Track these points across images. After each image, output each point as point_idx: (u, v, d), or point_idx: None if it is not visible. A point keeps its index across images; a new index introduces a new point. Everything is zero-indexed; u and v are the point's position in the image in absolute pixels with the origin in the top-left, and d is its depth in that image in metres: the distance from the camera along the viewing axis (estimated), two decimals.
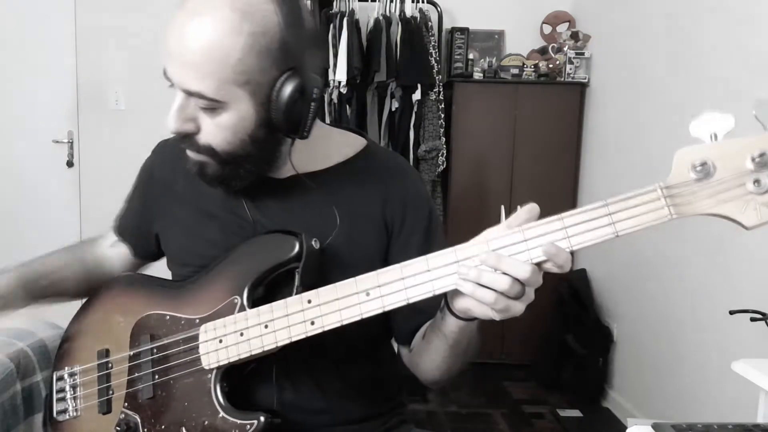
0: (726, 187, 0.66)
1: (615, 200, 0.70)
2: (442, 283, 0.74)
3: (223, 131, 0.85)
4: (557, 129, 3.20)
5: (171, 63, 0.83)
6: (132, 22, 3.37)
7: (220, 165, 0.87)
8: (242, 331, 0.84)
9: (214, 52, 0.79)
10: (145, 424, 0.91)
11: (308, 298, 0.81)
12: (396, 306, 0.76)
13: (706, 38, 2.21)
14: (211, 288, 0.91)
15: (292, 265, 0.86)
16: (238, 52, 0.80)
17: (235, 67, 0.80)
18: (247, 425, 0.83)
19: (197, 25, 0.80)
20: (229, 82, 0.81)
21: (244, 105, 0.83)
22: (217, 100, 0.82)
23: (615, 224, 0.69)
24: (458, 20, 3.41)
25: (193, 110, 0.85)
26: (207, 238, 0.96)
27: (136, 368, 0.93)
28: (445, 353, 0.86)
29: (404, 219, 0.95)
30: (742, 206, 0.66)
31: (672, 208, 0.68)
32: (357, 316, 0.78)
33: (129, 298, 0.99)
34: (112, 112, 3.44)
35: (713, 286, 2.12)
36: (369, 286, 0.77)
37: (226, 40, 0.79)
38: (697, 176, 0.67)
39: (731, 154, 0.66)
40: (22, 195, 3.43)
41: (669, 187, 0.68)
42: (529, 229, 0.71)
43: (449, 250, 0.74)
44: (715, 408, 2.06)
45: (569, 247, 0.70)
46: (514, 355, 3.25)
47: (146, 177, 1.07)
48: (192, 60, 0.80)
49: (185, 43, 0.80)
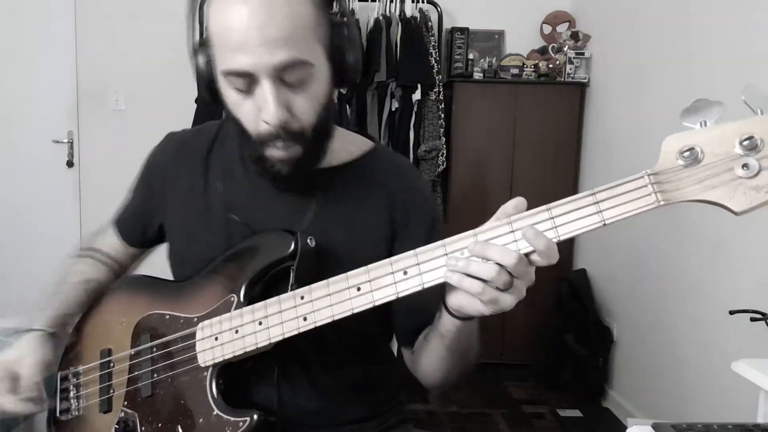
0: (714, 172, 0.65)
1: (602, 188, 0.69)
2: (431, 276, 0.74)
3: (313, 102, 0.84)
4: (557, 129, 3.20)
5: (250, 50, 0.78)
6: (132, 22, 3.38)
7: (307, 150, 0.86)
8: (237, 328, 0.85)
9: (298, 19, 0.79)
10: (143, 423, 0.92)
11: (301, 294, 0.81)
12: (386, 300, 0.76)
13: (706, 38, 2.22)
14: (208, 287, 0.92)
15: (288, 263, 0.86)
16: (313, 10, 0.81)
17: (314, 26, 0.81)
18: (240, 422, 0.83)
19: (271, 4, 0.78)
20: (314, 41, 0.82)
21: (323, 62, 0.85)
22: (311, 62, 0.81)
23: (602, 212, 0.68)
24: (458, 20, 3.41)
25: (285, 93, 0.82)
26: (208, 232, 0.97)
27: (136, 367, 0.94)
28: (442, 354, 0.86)
29: (409, 220, 0.96)
30: (731, 191, 0.64)
31: (659, 194, 0.67)
32: (348, 311, 0.78)
33: (131, 298, 1.00)
34: (112, 112, 3.44)
35: (713, 286, 2.12)
36: (359, 281, 0.78)
37: (303, 6, 0.80)
38: (684, 162, 0.66)
39: (719, 140, 0.65)
40: (22, 195, 3.43)
41: (656, 174, 0.68)
42: (517, 220, 0.71)
43: (438, 244, 0.74)
44: (715, 408, 2.06)
45: (557, 237, 0.70)
46: (514, 355, 3.25)
47: (152, 167, 1.06)
48: (278, 34, 0.78)
49: (264, 20, 0.77)
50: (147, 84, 3.41)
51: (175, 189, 1.01)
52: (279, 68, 0.79)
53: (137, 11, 3.37)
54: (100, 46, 3.39)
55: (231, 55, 0.79)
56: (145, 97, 3.42)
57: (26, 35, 3.36)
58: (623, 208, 0.68)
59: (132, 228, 1.10)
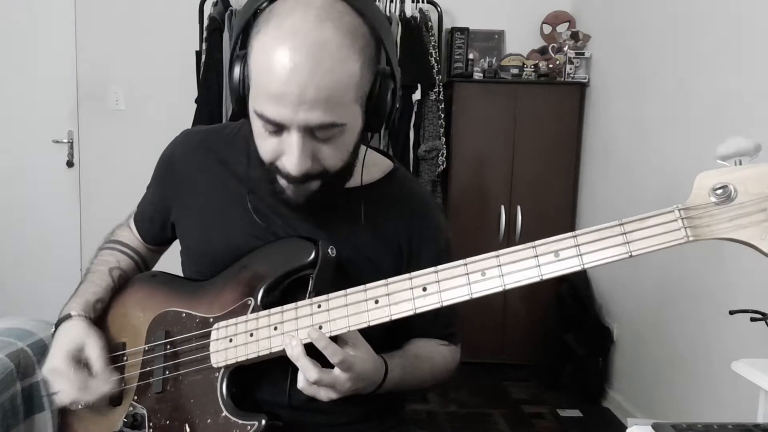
0: (747, 212, 0.65)
1: (631, 220, 0.69)
2: (450, 294, 0.74)
3: (341, 151, 0.84)
4: (557, 129, 3.20)
5: (285, 105, 0.77)
6: (132, 23, 3.38)
7: (325, 186, 0.86)
8: (252, 331, 0.85)
9: (342, 82, 0.77)
10: (151, 418, 0.92)
11: (318, 303, 0.81)
12: (403, 315, 0.77)
13: (706, 38, 2.21)
14: (226, 289, 0.92)
15: (307, 271, 0.86)
16: (358, 72, 0.79)
17: (356, 87, 0.80)
18: (248, 426, 0.83)
19: (319, 62, 0.75)
20: (352, 103, 0.81)
21: (358, 117, 0.83)
22: (344, 123, 0.81)
23: (629, 243, 0.68)
24: (458, 20, 3.41)
25: (312, 144, 0.81)
26: (223, 234, 0.97)
27: (149, 362, 0.94)
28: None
29: (420, 249, 0.97)
30: (762, 232, 0.64)
31: (689, 230, 0.66)
32: (364, 323, 0.78)
33: (150, 294, 1.01)
34: (112, 112, 3.44)
35: (713, 286, 2.12)
36: (378, 294, 0.78)
37: (351, 65, 0.77)
38: (717, 200, 0.66)
39: (754, 179, 0.65)
40: (22, 195, 3.43)
41: (687, 209, 0.67)
42: (542, 245, 0.71)
43: (460, 263, 0.75)
44: (715, 408, 2.06)
45: (581, 264, 0.70)
46: (514, 355, 3.25)
47: (166, 166, 1.06)
48: (319, 97, 0.76)
49: (306, 78, 0.75)
50: (147, 84, 3.41)
51: (192, 184, 1.01)
52: (311, 127, 0.79)
53: (137, 11, 3.37)
54: (100, 46, 3.39)
55: (266, 100, 0.78)
56: (145, 97, 3.42)
57: (26, 35, 3.36)
58: (651, 241, 0.67)
59: (149, 226, 1.10)
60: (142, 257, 1.13)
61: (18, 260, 3.40)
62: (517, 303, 3.25)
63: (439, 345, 1.04)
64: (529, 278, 0.71)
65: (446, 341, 1.05)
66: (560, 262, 0.70)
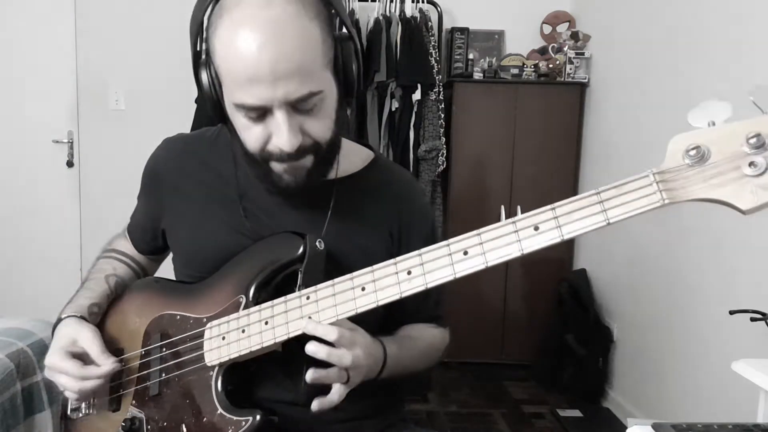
0: (720, 171, 0.64)
1: (607, 188, 0.69)
2: (434, 276, 0.75)
3: (325, 121, 0.86)
4: (557, 129, 3.20)
5: (261, 85, 0.78)
6: (132, 23, 3.38)
7: (319, 161, 0.87)
8: (244, 327, 0.86)
9: (308, 49, 0.79)
10: (149, 421, 0.92)
11: (306, 294, 0.82)
12: (390, 300, 0.77)
13: (706, 38, 2.21)
14: (219, 288, 0.93)
15: (297, 265, 0.87)
16: (320, 36, 0.81)
17: (323, 53, 0.82)
18: (243, 422, 0.84)
19: (281, 35, 0.77)
20: (323, 69, 0.83)
21: (332, 82, 0.85)
22: (321, 90, 0.82)
23: (606, 211, 0.68)
24: (458, 20, 3.41)
25: (298, 119, 0.83)
26: (212, 234, 0.97)
27: (145, 366, 0.95)
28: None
29: (410, 232, 0.99)
30: (738, 190, 0.63)
31: (664, 192, 0.66)
32: (352, 311, 0.79)
33: (146, 300, 1.01)
34: (112, 112, 3.44)
35: (713, 286, 2.12)
36: (364, 282, 0.79)
37: (311, 32, 0.80)
38: (691, 161, 0.66)
39: (726, 138, 0.65)
40: (22, 195, 3.43)
41: (662, 173, 0.67)
42: (521, 220, 0.71)
43: (442, 244, 0.75)
44: (715, 408, 2.06)
45: (560, 236, 0.70)
46: (514, 355, 3.26)
47: (151, 176, 1.06)
48: (291, 68, 0.78)
49: (274, 53, 0.77)
50: (147, 84, 3.41)
51: (179, 190, 1.01)
52: (292, 102, 0.80)
53: (137, 11, 3.38)
54: (100, 46, 3.39)
55: (241, 89, 0.79)
56: (145, 97, 3.42)
57: (26, 35, 3.36)
58: (627, 207, 0.67)
59: (142, 236, 1.11)
60: (140, 265, 1.13)
61: (18, 260, 3.40)
62: (517, 303, 3.25)
63: (428, 327, 1.06)
64: (510, 254, 0.71)
65: (434, 323, 1.07)
66: (540, 235, 0.70)
